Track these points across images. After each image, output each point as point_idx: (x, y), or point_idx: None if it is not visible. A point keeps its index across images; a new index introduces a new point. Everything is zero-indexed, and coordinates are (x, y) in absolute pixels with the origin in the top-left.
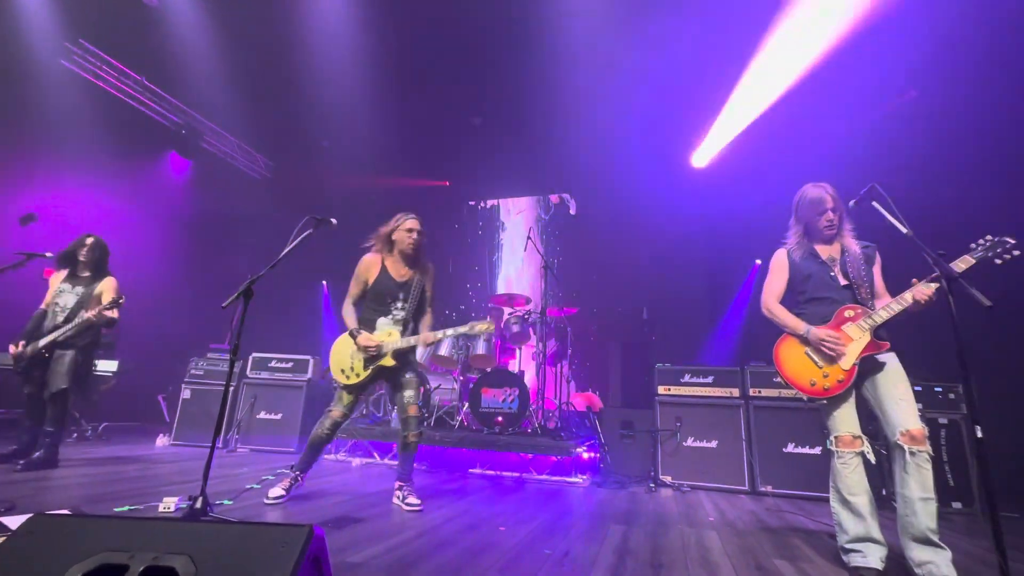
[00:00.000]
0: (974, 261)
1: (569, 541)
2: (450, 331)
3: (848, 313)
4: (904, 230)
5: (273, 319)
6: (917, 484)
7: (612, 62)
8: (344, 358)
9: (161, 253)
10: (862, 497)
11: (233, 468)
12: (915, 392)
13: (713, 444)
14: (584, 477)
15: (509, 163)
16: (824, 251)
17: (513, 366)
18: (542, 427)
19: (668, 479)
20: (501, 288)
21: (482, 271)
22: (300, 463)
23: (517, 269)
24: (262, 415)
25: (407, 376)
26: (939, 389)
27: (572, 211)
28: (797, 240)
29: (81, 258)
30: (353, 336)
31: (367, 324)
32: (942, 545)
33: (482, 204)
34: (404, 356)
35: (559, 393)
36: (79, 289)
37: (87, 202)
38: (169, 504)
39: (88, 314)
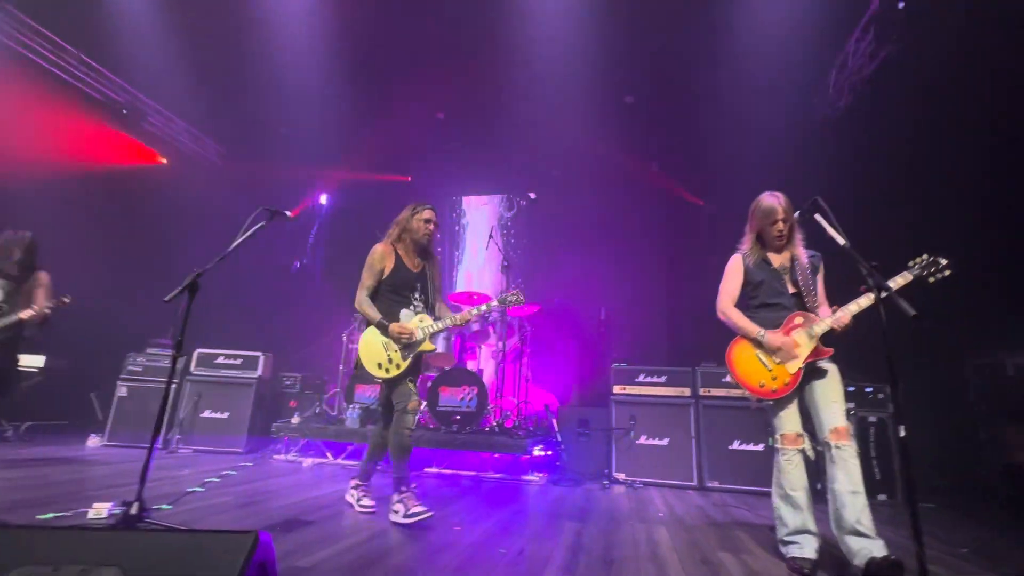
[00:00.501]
0: (912, 277)
1: (524, 539)
2: (484, 307)
3: (797, 320)
4: (842, 242)
5: (226, 313)
6: (845, 478)
7: (580, 62)
8: (378, 351)
9: (98, 240)
10: (801, 492)
11: (174, 470)
12: (848, 392)
13: (665, 442)
14: (540, 475)
15: (473, 160)
16: (776, 259)
17: (473, 365)
18: (500, 426)
19: (622, 476)
20: (461, 285)
21: (443, 267)
22: (399, 479)
23: (479, 267)
24: (207, 414)
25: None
26: (869, 390)
27: (532, 196)
28: (750, 246)
29: (14, 257)
30: (383, 328)
31: (390, 316)
32: (874, 536)
33: (446, 200)
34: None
35: (518, 392)
36: (5, 284)
37: None
38: (100, 510)
39: (25, 314)
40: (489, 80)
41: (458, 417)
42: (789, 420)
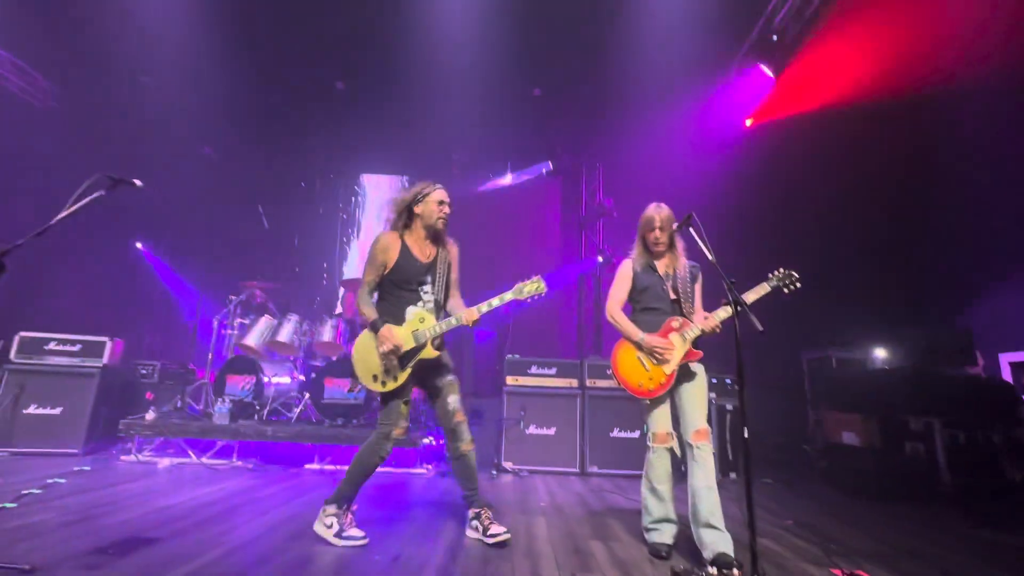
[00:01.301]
0: (769, 289)
1: (402, 542)
2: (495, 300)
3: (675, 324)
4: (710, 257)
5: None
6: (702, 475)
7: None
8: (372, 360)
9: None
10: (666, 485)
11: None
12: (711, 383)
13: (552, 431)
14: (429, 467)
15: (374, 137)
16: (661, 266)
17: None
18: None
19: (510, 465)
20: (354, 271)
21: (331, 250)
22: (344, 495)
23: None
24: (32, 409)
25: (448, 379)
26: (729, 382)
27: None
28: (639, 252)
29: None
30: (376, 329)
31: (394, 316)
32: (723, 529)
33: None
34: (439, 350)
35: None
36: None
37: None
38: None
39: None
40: (392, 58)
41: (345, 410)
42: (661, 419)
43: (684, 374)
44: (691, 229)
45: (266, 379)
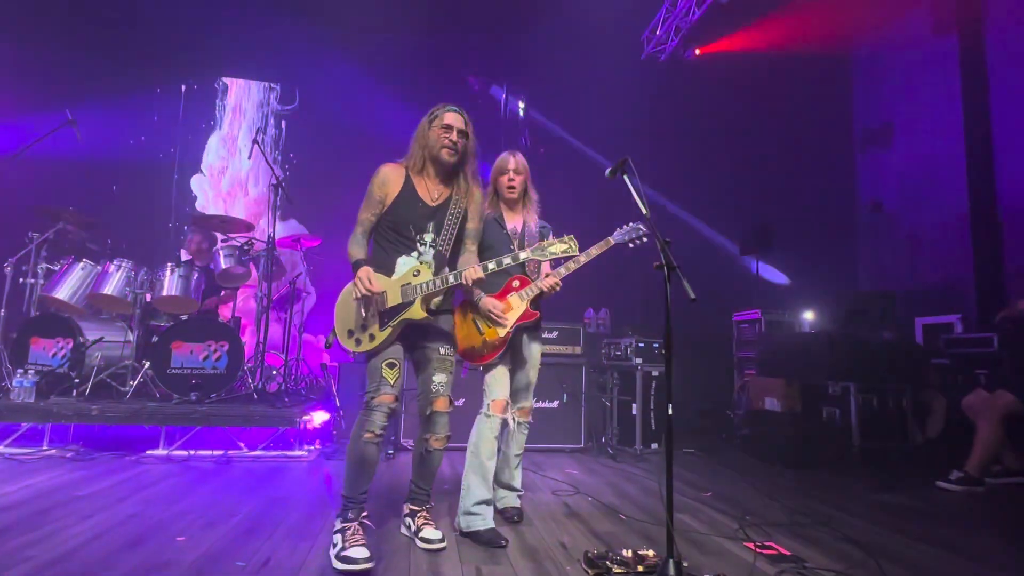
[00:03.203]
0: (614, 243)
1: (273, 543)
2: (506, 259)
3: (515, 284)
4: (644, 211)
5: None
6: (516, 445)
7: None
8: (349, 313)
9: None
10: (494, 461)
11: None
12: (638, 348)
13: (460, 403)
14: (311, 448)
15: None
16: (510, 220)
17: (225, 313)
18: (260, 391)
19: (410, 443)
20: (210, 208)
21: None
22: (345, 503)
23: (237, 182)
24: None
25: (440, 352)
26: (656, 345)
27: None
28: (490, 202)
29: None
30: (354, 271)
31: (386, 267)
32: (519, 490)
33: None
34: (437, 314)
35: (287, 347)
36: None
37: None
38: None
39: None
40: None
41: (198, 382)
42: (499, 385)
43: (523, 338)
44: (624, 176)
45: (88, 343)
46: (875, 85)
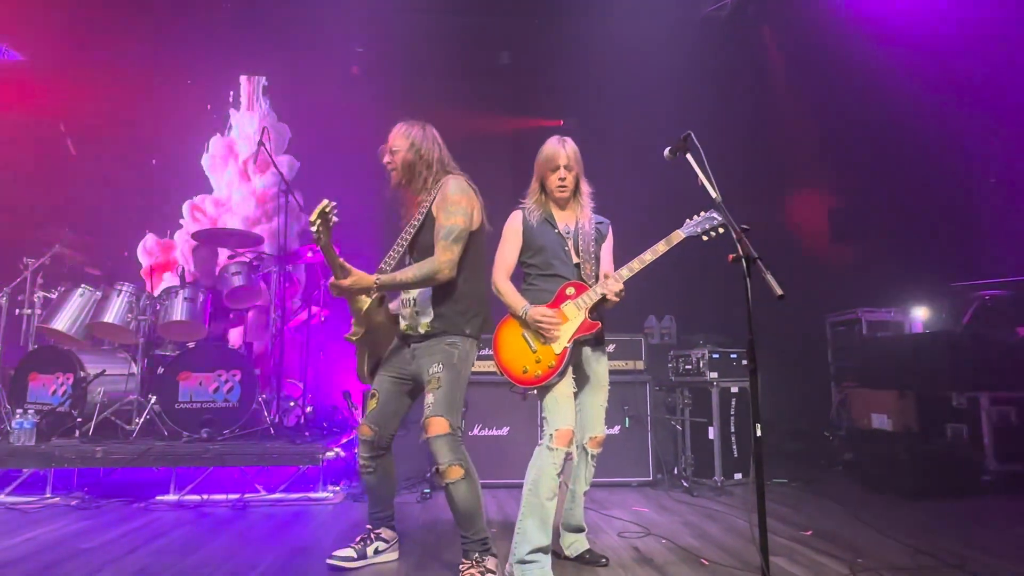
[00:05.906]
0: (684, 236)
1: None
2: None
3: (569, 291)
4: (714, 194)
5: None
6: (585, 481)
7: None
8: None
9: None
10: (554, 501)
11: None
12: (712, 360)
13: (504, 431)
14: (337, 488)
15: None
16: (561, 219)
17: (236, 337)
18: (277, 425)
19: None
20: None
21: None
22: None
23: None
24: None
25: (431, 370)
26: (734, 356)
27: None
28: (535, 200)
29: None
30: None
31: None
32: (585, 528)
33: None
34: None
35: (306, 372)
36: None
37: None
38: None
39: None
40: None
41: (209, 416)
42: (562, 411)
43: (581, 358)
44: (688, 156)
45: (89, 378)
46: None
